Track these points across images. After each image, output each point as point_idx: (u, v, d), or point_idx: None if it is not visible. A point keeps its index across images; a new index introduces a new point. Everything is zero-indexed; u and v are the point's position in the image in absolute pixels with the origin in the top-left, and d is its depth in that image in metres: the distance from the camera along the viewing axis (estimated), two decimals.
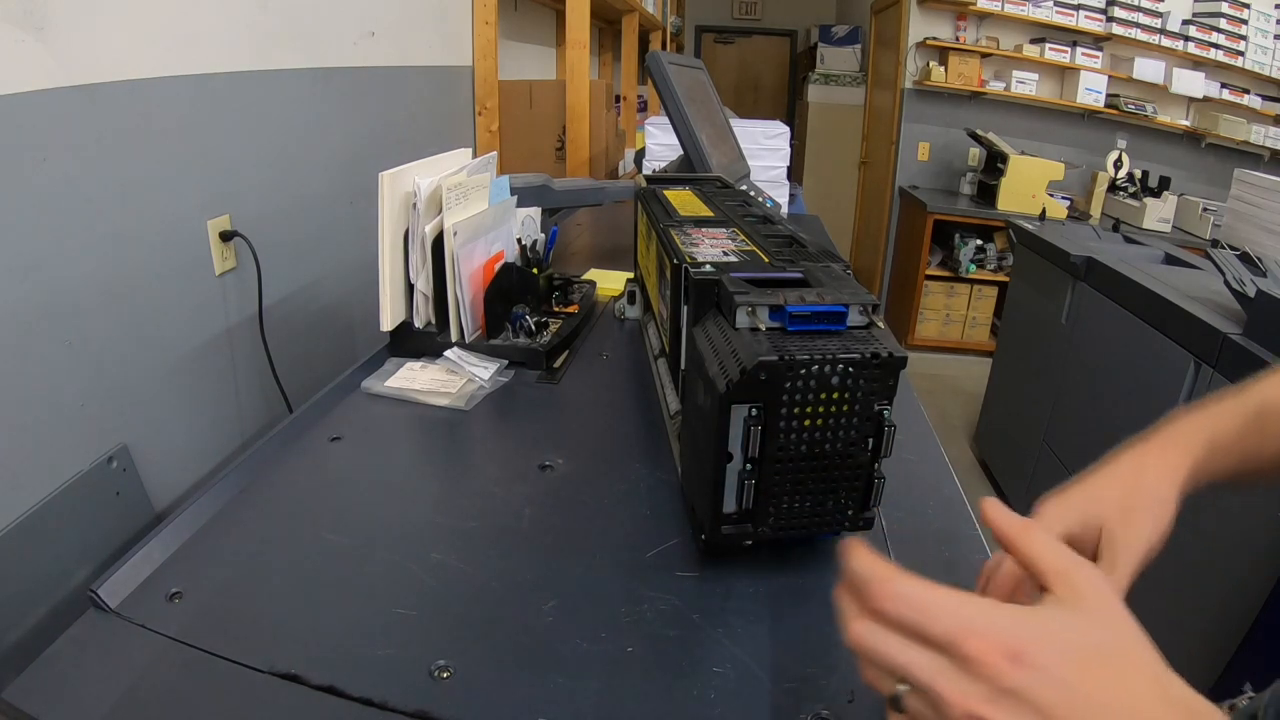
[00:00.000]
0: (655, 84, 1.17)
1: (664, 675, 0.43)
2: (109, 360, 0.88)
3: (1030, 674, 0.26)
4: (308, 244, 1.27)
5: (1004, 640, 0.27)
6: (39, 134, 0.76)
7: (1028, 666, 0.26)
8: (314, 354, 1.32)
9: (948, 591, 0.29)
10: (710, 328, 0.51)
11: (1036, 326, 2.23)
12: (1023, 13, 3.45)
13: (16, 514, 0.75)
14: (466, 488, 0.62)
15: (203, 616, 0.47)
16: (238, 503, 0.59)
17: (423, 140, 1.71)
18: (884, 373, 0.45)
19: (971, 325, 3.71)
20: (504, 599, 0.49)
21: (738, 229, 0.69)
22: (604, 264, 1.25)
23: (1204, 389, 1.42)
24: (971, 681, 0.27)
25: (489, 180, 0.90)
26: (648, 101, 3.60)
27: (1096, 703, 0.26)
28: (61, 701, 0.41)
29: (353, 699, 0.41)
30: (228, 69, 1.04)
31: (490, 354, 0.84)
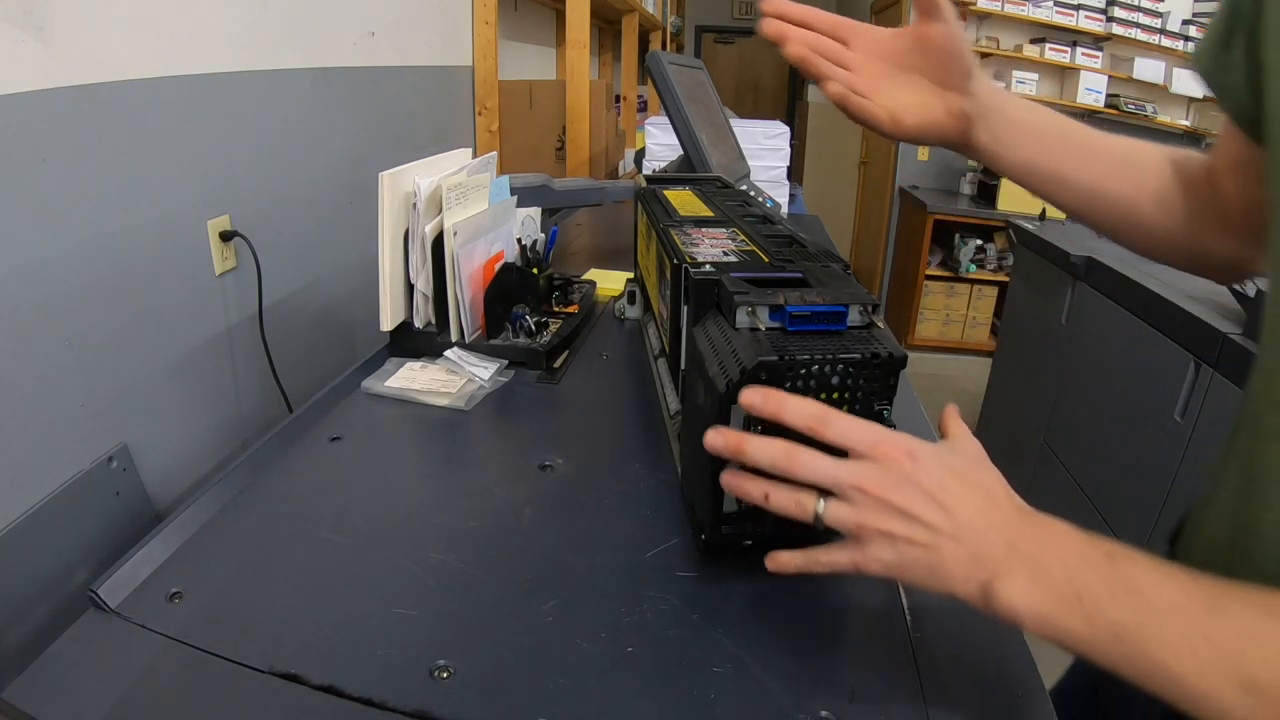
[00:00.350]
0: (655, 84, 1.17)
1: (664, 675, 0.43)
2: (109, 360, 0.88)
3: (922, 466, 0.37)
4: (308, 244, 1.27)
5: (904, 446, 0.38)
6: (39, 134, 0.76)
7: (920, 462, 0.37)
8: (314, 354, 1.32)
9: (861, 420, 0.39)
10: (710, 328, 0.51)
11: (1036, 326, 2.23)
12: (1023, 13, 3.44)
13: (16, 514, 0.75)
14: (466, 488, 0.62)
15: (203, 616, 0.47)
16: (238, 503, 0.59)
17: (423, 140, 1.71)
18: (884, 372, 0.45)
19: (971, 325, 3.70)
20: (504, 599, 0.49)
21: (738, 229, 0.69)
22: (604, 264, 1.25)
23: (1204, 389, 1.42)
24: (884, 473, 0.37)
25: (489, 180, 0.90)
26: (648, 101, 3.60)
27: (967, 483, 0.37)
28: (61, 701, 0.41)
29: (353, 699, 0.41)
30: (228, 69, 1.04)
31: (490, 354, 0.84)
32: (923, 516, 0.36)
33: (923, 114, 0.52)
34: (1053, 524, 0.36)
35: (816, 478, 0.38)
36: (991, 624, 0.48)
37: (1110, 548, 0.34)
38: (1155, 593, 0.32)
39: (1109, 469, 1.75)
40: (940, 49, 0.51)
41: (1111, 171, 0.55)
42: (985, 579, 0.35)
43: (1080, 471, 1.89)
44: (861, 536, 0.38)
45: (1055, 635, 0.33)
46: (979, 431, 2.66)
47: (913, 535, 0.36)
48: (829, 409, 0.39)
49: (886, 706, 0.41)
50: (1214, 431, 1.39)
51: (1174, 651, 0.30)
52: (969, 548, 0.36)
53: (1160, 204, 0.54)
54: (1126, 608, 0.32)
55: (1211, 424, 1.40)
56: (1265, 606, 0.30)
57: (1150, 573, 0.33)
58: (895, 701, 0.42)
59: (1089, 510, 1.80)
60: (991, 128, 0.53)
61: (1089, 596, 0.33)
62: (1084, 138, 0.55)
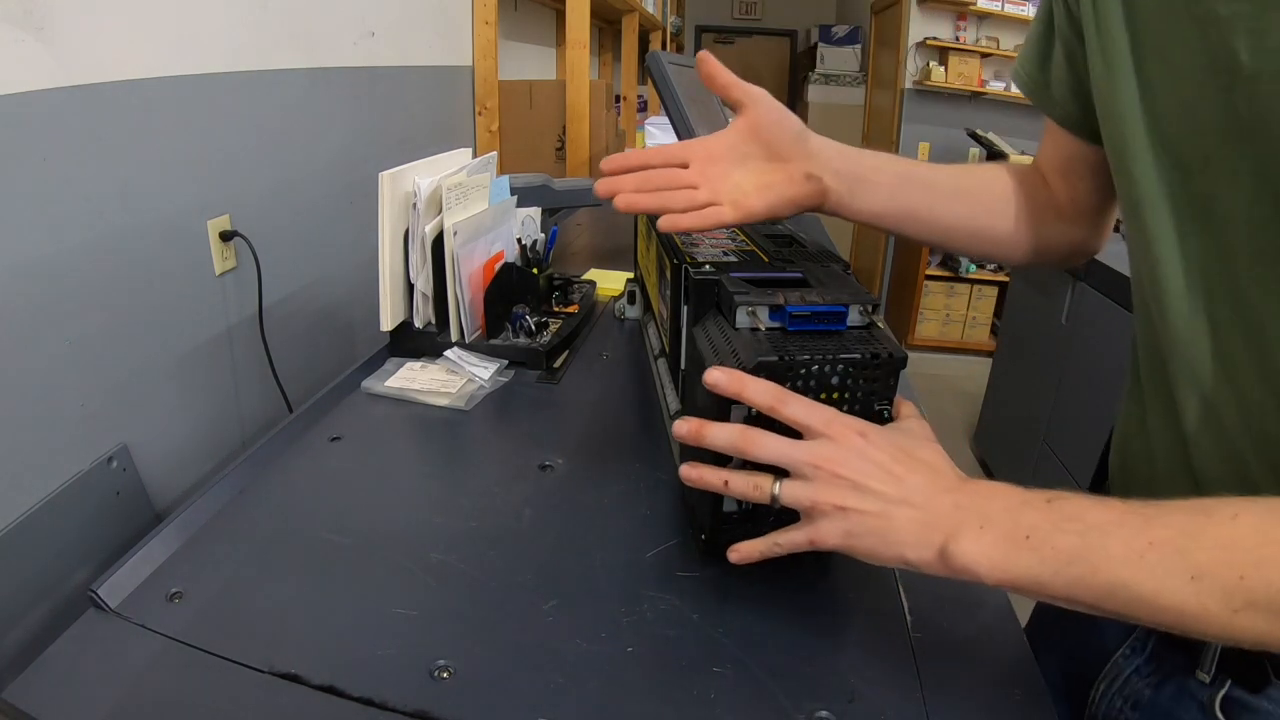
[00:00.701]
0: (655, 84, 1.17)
1: (664, 675, 0.43)
2: (109, 360, 0.88)
3: (872, 442, 0.40)
4: (308, 244, 1.27)
5: (856, 426, 0.41)
6: (39, 134, 0.76)
7: (870, 439, 0.40)
8: (314, 354, 1.32)
9: (815, 402, 0.42)
10: (710, 328, 0.51)
11: (1036, 326, 2.23)
12: (1023, 13, 3.44)
13: (16, 514, 0.75)
14: (466, 488, 0.62)
15: (203, 616, 0.47)
16: (238, 503, 0.59)
17: (423, 140, 1.71)
18: (884, 373, 0.45)
19: (971, 325, 3.70)
20: (504, 599, 0.49)
21: (738, 229, 0.69)
22: (604, 264, 1.25)
23: None
24: (836, 449, 0.40)
25: (489, 180, 0.90)
26: (648, 101, 3.60)
27: (915, 457, 0.40)
28: (61, 701, 0.41)
29: (353, 699, 0.41)
30: (228, 69, 1.04)
31: (490, 354, 0.84)
32: (874, 487, 0.39)
33: (767, 192, 0.53)
34: (992, 484, 0.39)
35: (772, 458, 0.40)
36: (992, 624, 0.48)
37: (1048, 493, 0.36)
38: (1095, 516, 0.34)
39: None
40: (764, 127, 0.53)
41: (951, 199, 0.59)
42: (940, 542, 0.37)
43: (1080, 471, 1.89)
44: (816, 512, 0.40)
45: (1012, 579, 0.35)
46: (979, 431, 2.66)
47: (865, 506, 0.38)
48: (786, 391, 0.42)
49: (886, 706, 0.42)
50: None
51: (1123, 561, 0.32)
52: (919, 512, 0.38)
53: (997, 215, 0.59)
54: (1072, 534, 0.34)
55: None
56: (1195, 508, 0.33)
57: (1087, 502, 0.35)
58: (895, 701, 0.42)
59: None
60: (842, 181, 0.54)
61: (1036, 533, 0.35)
62: (926, 175, 0.59)
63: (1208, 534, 0.32)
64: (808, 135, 0.54)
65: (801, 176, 0.53)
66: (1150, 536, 0.32)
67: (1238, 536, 0.31)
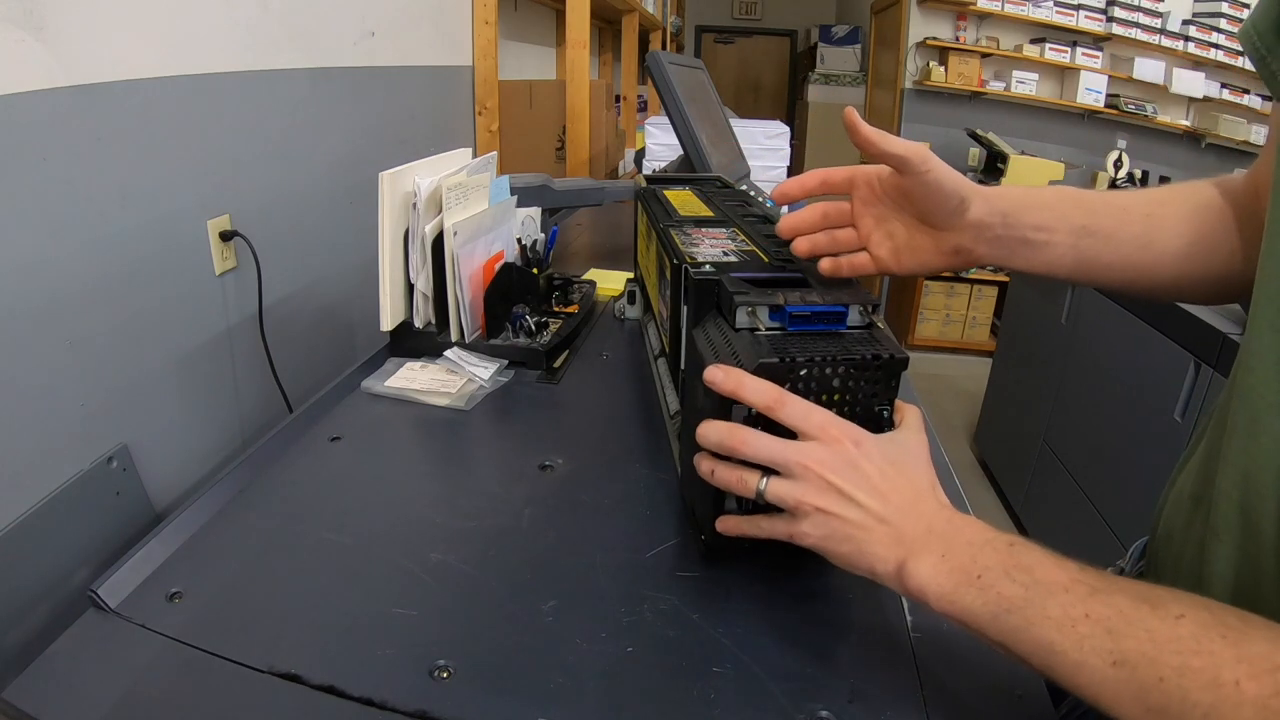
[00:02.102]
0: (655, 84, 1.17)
1: (664, 675, 0.43)
2: (109, 360, 0.88)
3: (865, 452, 0.40)
4: (308, 244, 1.27)
5: (851, 434, 0.41)
6: (39, 134, 0.76)
7: (864, 449, 0.40)
8: (314, 354, 1.32)
9: (813, 405, 0.42)
10: (710, 329, 0.51)
11: (1036, 326, 2.23)
12: (1023, 13, 3.44)
13: (16, 514, 0.75)
14: (466, 488, 0.62)
15: (203, 616, 0.47)
16: (238, 503, 0.59)
17: (423, 140, 1.71)
18: (885, 374, 0.45)
19: (971, 325, 3.70)
20: (504, 599, 0.49)
21: (738, 229, 0.69)
22: (604, 264, 1.25)
23: (1204, 389, 1.42)
24: (828, 454, 0.40)
25: (489, 180, 0.90)
26: (648, 101, 3.60)
27: (903, 474, 0.40)
28: (61, 701, 0.41)
29: (353, 699, 0.41)
30: (228, 69, 1.04)
31: (490, 354, 0.84)
32: (859, 498, 0.39)
33: (912, 256, 0.52)
34: (967, 518, 0.39)
35: (762, 457, 0.41)
36: None
37: (1013, 538, 0.37)
38: (1045, 573, 0.34)
39: (1109, 469, 1.75)
40: (918, 198, 0.50)
41: (1138, 250, 0.52)
42: (902, 557, 0.38)
43: (1080, 471, 1.89)
44: (799, 511, 0.40)
45: (956, 612, 0.36)
46: (979, 431, 2.66)
47: (847, 515, 0.39)
48: (785, 391, 0.42)
49: (886, 707, 0.42)
50: None
51: (1056, 625, 0.33)
52: (894, 530, 0.39)
53: (1195, 259, 0.51)
54: (1018, 585, 0.34)
55: None
56: (1144, 594, 0.32)
57: (1044, 558, 0.35)
58: (895, 702, 0.42)
59: (1089, 510, 1.80)
60: (1000, 248, 0.51)
61: (987, 574, 0.35)
62: (1108, 226, 0.51)
63: (1145, 624, 0.31)
64: (969, 204, 0.50)
65: (950, 249, 0.51)
66: (1089, 609, 0.32)
67: (1173, 637, 0.30)
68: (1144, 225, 0.51)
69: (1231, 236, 0.50)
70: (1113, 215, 0.52)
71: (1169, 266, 0.51)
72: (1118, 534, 1.68)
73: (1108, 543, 1.70)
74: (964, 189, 0.50)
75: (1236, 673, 0.28)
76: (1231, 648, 0.29)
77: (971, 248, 0.51)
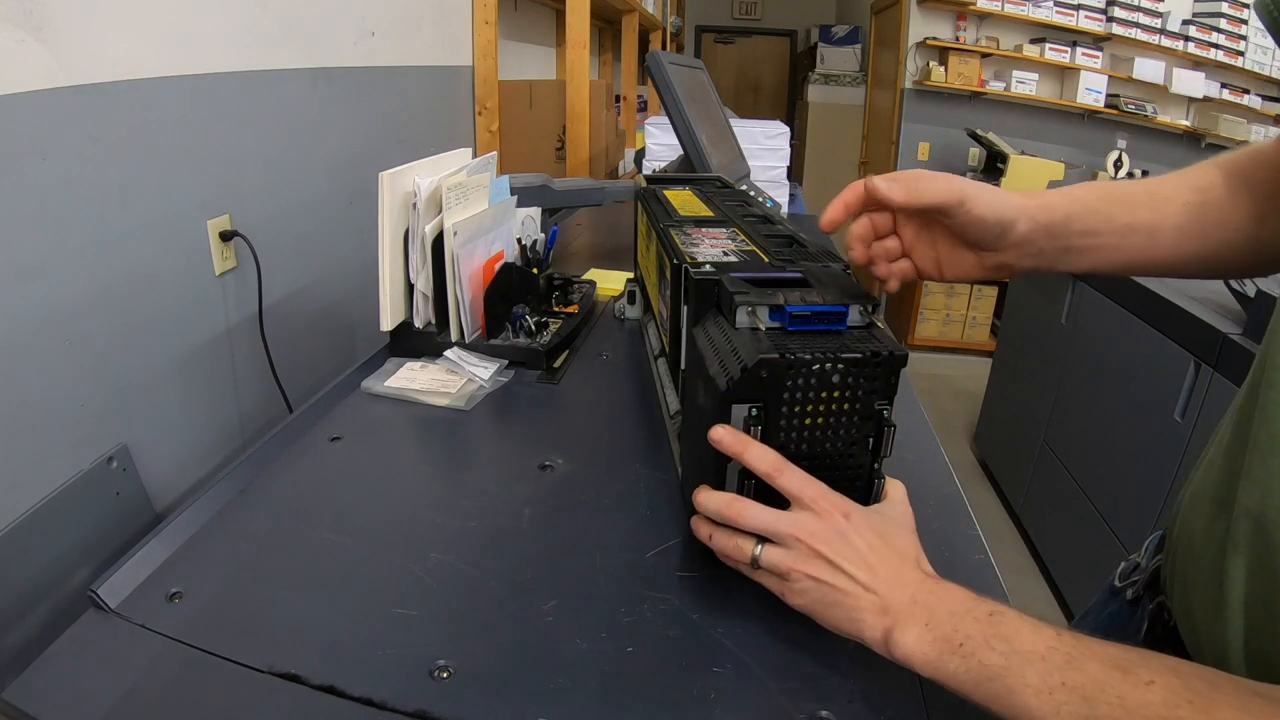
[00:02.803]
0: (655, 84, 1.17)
1: (664, 675, 0.43)
2: (109, 360, 0.88)
3: (853, 525, 0.42)
4: (308, 244, 1.27)
5: (841, 506, 0.43)
6: (39, 134, 0.76)
7: (853, 521, 0.43)
8: (314, 354, 1.32)
9: (809, 476, 0.44)
10: (710, 327, 0.51)
11: (1036, 326, 2.23)
12: (1023, 13, 3.45)
13: (16, 514, 0.75)
14: (466, 488, 0.62)
15: (203, 616, 0.47)
16: (238, 503, 0.59)
17: (423, 140, 1.71)
18: (884, 371, 0.45)
19: (971, 325, 3.70)
20: (504, 599, 0.49)
21: (738, 229, 0.69)
22: (604, 264, 1.25)
23: (1204, 389, 1.42)
24: (819, 525, 0.42)
25: (489, 180, 0.90)
26: (648, 101, 3.60)
27: (890, 546, 0.42)
28: (61, 701, 0.41)
29: (353, 699, 0.41)
30: (228, 69, 1.04)
31: (490, 354, 0.84)
32: (847, 569, 0.41)
33: (954, 268, 0.53)
34: (951, 586, 0.40)
35: (757, 527, 0.43)
36: None
37: (994, 607, 0.38)
38: (1024, 642, 0.36)
39: (1109, 469, 1.75)
40: (961, 228, 0.50)
41: (1180, 239, 0.52)
42: (889, 626, 0.39)
43: (1080, 471, 1.89)
44: (790, 578, 0.42)
45: (940, 677, 0.38)
46: (979, 431, 2.66)
47: (837, 584, 0.41)
48: (785, 460, 0.44)
49: (886, 707, 0.42)
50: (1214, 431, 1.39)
51: (1034, 692, 0.34)
52: (881, 600, 0.40)
53: (1227, 243, 0.52)
54: (998, 653, 0.36)
55: (1211, 424, 1.40)
56: (1116, 661, 0.34)
57: (1023, 626, 0.37)
58: (895, 702, 0.42)
59: (1089, 510, 1.80)
60: (1043, 259, 0.52)
61: (968, 643, 0.37)
62: (1149, 220, 0.52)
63: (1117, 691, 0.32)
64: (1014, 227, 0.50)
65: (993, 266, 0.52)
66: (1065, 677, 0.34)
67: (1144, 703, 0.32)
68: (1185, 215, 0.51)
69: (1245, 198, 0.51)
70: (1155, 208, 0.52)
71: (1214, 250, 0.52)
72: (1118, 534, 1.68)
73: (1108, 542, 1.70)
74: (1005, 214, 0.49)
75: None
76: (1200, 714, 0.30)
77: (1014, 263, 0.52)
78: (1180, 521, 0.50)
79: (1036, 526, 2.15)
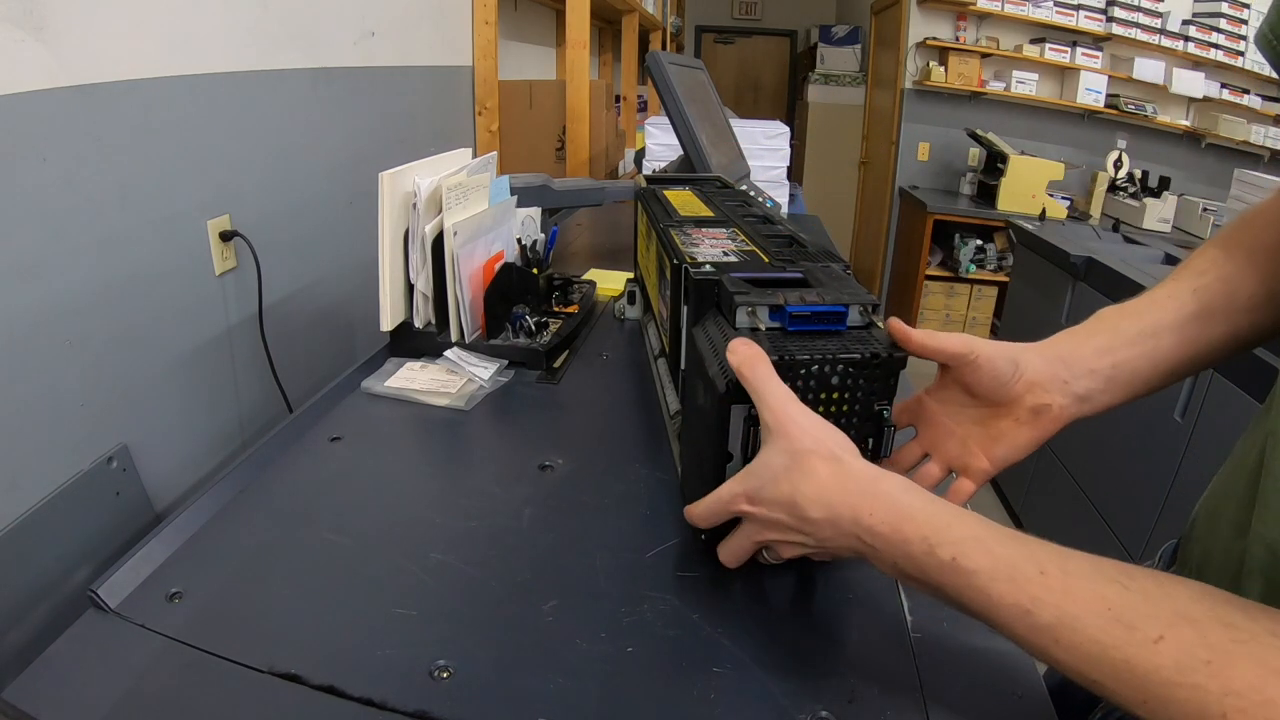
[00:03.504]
0: (655, 84, 1.17)
1: (664, 675, 0.43)
2: (109, 360, 0.88)
3: (763, 505, 0.42)
4: (308, 244, 1.27)
5: (745, 495, 0.43)
6: (39, 134, 0.76)
7: (759, 503, 0.42)
8: (314, 354, 1.32)
9: (714, 496, 0.45)
10: (710, 328, 0.51)
11: (1036, 326, 2.23)
12: (1023, 13, 3.45)
13: (16, 514, 0.75)
14: (466, 488, 0.62)
15: (203, 616, 0.47)
16: (238, 503, 0.59)
17: (423, 140, 1.71)
18: (884, 373, 0.45)
19: (971, 325, 3.71)
20: (504, 599, 0.49)
21: (738, 229, 0.69)
22: (604, 264, 1.25)
23: (1204, 390, 1.42)
24: (753, 525, 0.43)
25: (489, 180, 0.90)
26: (648, 101, 3.60)
27: (805, 519, 0.40)
28: (61, 701, 0.41)
29: (353, 699, 0.41)
30: (228, 69, 1.04)
31: (490, 354, 0.84)
32: (793, 539, 0.42)
33: (996, 445, 0.50)
34: (875, 502, 0.38)
35: (745, 554, 0.46)
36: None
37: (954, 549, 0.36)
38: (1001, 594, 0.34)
39: (1109, 469, 1.75)
40: (974, 384, 0.49)
41: (1202, 327, 0.49)
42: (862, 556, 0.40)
43: (1080, 472, 1.89)
44: (785, 555, 0.44)
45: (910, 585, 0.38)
46: None
47: (804, 542, 0.42)
48: (693, 513, 0.47)
49: (886, 706, 0.42)
50: (1214, 431, 1.39)
51: (1023, 645, 0.34)
52: (838, 551, 0.41)
53: (1244, 326, 0.49)
54: (977, 606, 0.35)
55: (1211, 424, 1.40)
56: (1116, 611, 0.31)
57: (996, 575, 0.35)
58: (895, 701, 0.42)
59: (1089, 510, 1.80)
60: (1078, 397, 0.49)
61: (944, 590, 0.36)
62: (1170, 319, 0.49)
63: (1121, 655, 0.30)
64: (1024, 363, 0.49)
65: (1029, 414, 0.49)
66: (1058, 636, 0.32)
67: (1153, 668, 0.29)
68: (1196, 301, 0.49)
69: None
70: (1163, 307, 0.50)
71: (1242, 323, 0.49)
72: (1118, 534, 1.68)
73: (1108, 542, 1.70)
74: (1014, 352, 0.49)
75: (1224, 706, 0.27)
76: (1216, 679, 0.28)
77: (1047, 401, 0.49)
78: (1198, 538, 0.49)
79: (1037, 526, 2.15)
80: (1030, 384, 0.49)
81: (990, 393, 0.49)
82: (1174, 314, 0.50)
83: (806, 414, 0.42)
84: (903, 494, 0.39)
